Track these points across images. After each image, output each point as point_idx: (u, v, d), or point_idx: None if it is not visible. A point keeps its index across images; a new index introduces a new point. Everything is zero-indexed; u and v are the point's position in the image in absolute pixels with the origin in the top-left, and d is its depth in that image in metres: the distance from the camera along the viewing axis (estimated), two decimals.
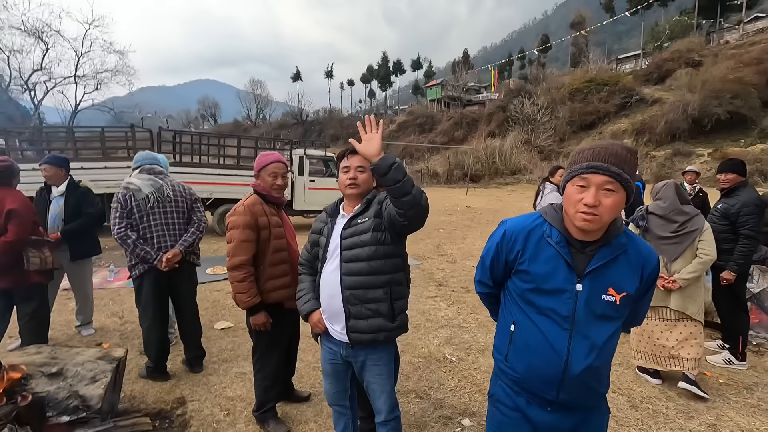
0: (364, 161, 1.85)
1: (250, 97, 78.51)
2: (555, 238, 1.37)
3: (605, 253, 1.32)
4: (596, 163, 1.25)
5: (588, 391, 1.39)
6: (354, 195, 1.90)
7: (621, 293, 1.33)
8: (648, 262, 1.37)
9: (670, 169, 25.82)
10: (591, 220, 1.25)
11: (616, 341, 1.41)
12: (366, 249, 1.82)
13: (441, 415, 2.75)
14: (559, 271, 1.35)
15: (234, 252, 2.39)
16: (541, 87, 40.79)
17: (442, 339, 4.00)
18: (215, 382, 3.15)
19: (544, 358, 1.37)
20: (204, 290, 5.49)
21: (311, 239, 2.06)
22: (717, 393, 3.09)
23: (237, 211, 2.44)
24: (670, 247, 3.08)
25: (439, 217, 12.94)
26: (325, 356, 2.02)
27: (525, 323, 1.42)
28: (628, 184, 1.25)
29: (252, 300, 2.40)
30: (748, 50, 31.43)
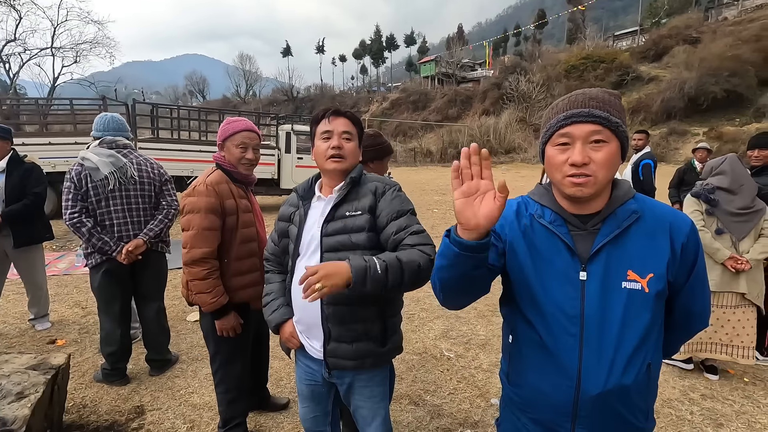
0: (351, 126, 1.47)
1: (239, 73, 76.45)
2: (548, 217, 1.07)
3: (612, 226, 1.01)
4: (576, 110, 0.98)
5: (619, 423, 1.01)
6: (338, 171, 1.44)
7: (647, 275, 0.98)
8: (677, 227, 1.01)
9: (665, 148, 25.62)
10: (584, 182, 0.97)
11: (654, 349, 1.02)
12: (359, 253, 1.37)
13: (439, 427, 2.40)
14: (558, 257, 1.04)
15: (193, 242, 1.91)
16: (536, 64, 40.00)
17: (438, 332, 3.65)
18: (181, 387, 2.77)
19: (549, 378, 1.04)
20: (178, 276, 5.06)
21: (279, 228, 1.60)
22: (744, 394, 2.78)
23: (198, 190, 1.94)
24: (741, 225, 2.80)
25: (433, 197, 12.55)
26: (301, 375, 1.59)
27: (524, 332, 1.10)
28: (619, 130, 0.98)
29: (219, 300, 1.94)
30: (747, 27, 30.84)
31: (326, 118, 1.46)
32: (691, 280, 1.04)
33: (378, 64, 77.11)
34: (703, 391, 2.81)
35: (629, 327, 0.98)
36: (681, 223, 1.02)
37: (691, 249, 1.02)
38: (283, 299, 1.56)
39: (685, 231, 1.01)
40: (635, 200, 1.04)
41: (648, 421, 1.06)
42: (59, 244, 6.69)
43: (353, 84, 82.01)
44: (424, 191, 14.05)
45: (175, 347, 3.24)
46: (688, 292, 1.05)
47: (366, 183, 1.49)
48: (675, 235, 1.01)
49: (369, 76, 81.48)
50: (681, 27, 35.60)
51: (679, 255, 1.00)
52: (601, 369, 0.98)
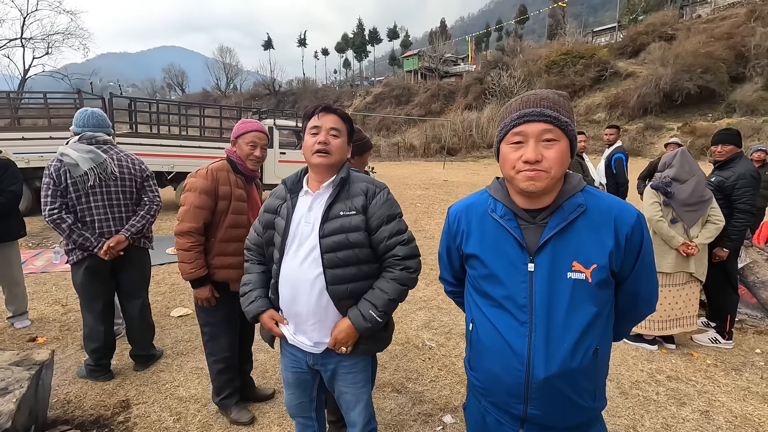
0: (340, 123, 1.52)
1: (219, 66, 74.93)
2: (499, 212, 1.14)
3: (558, 219, 1.07)
4: (528, 109, 1.05)
5: (566, 404, 1.08)
6: (323, 166, 1.48)
7: (590, 266, 1.05)
8: (622, 219, 1.07)
9: (641, 143, 26.33)
10: (536, 176, 1.03)
11: (601, 335, 1.09)
12: (357, 251, 1.47)
13: (420, 412, 2.49)
14: (508, 249, 1.11)
15: (184, 217, 2.15)
16: (518, 59, 40.35)
17: (420, 322, 3.74)
18: (166, 380, 2.79)
19: (503, 362, 1.11)
20: (162, 272, 5.05)
21: (264, 219, 1.61)
22: (706, 375, 2.96)
23: (199, 173, 2.21)
24: (693, 214, 3.09)
25: (416, 191, 12.65)
26: (287, 364, 1.65)
27: (481, 320, 1.18)
28: (568, 129, 1.05)
29: (197, 272, 2.18)
30: (719, 25, 31.80)
31: (316, 114, 1.50)
32: (637, 269, 1.11)
33: (361, 58, 76.66)
34: (668, 372, 2.98)
35: (575, 314, 1.06)
36: (627, 215, 1.08)
37: (636, 239, 1.08)
38: (261, 290, 1.61)
39: (630, 222, 1.07)
40: (583, 193, 1.10)
41: (596, 401, 1.13)
42: (35, 242, 6.54)
43: (336, 78, 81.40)
44: (407, 186, 14.14)
45: (160, 342, 3.25)
46: (635, 279, 1.12)
47: (356, 182, 1.54)
48: (619, 227, 1.07)
49: (352, 70, 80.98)
50: (657, 24, 36.40)
51: (624, 246, 1.07)
52: (548, 354, 1.05)
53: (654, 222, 3.07)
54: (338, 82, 76.95)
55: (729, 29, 29.85)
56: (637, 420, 2.46)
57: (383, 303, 1.46)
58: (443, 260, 1.39)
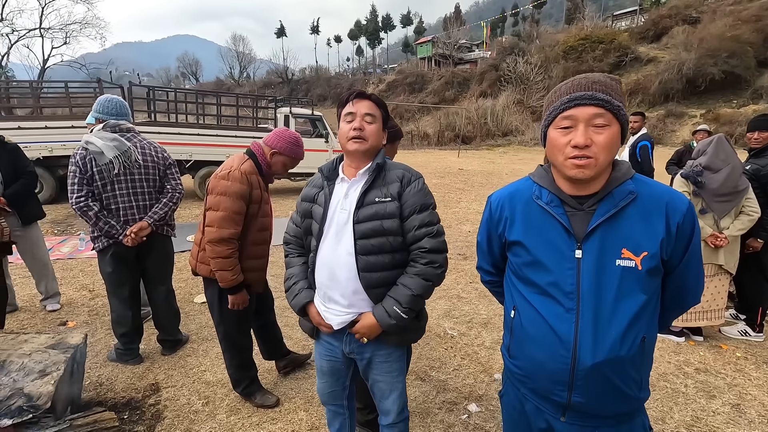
0: (375, 108, 1.49)
1: (232, 54, 75.11)
2: (545, 198, 1.13)
3: (608, 206, 1.05)
4: (579, 93, 1.02)
5: (612, 392, 1.06)
6: (359, 152, 1.45)
7: (641, 254, 1.03)
8: (674, 207, 1.05)
9: (662, 130, 25.61)
10: (585, 164, 1.01)
11: (648, 324, 1.07)
12: (390, 239, 1.45)
13: (445, 400, 2.50)
14: (555, 236, 1.10)
15: (222, 223, 2.08)
16: (534, 45, 39.49)
17: (441, 312, 3.74)
18: (193, 365, 2.85)
19: (548, 349, 1.10)
20: (184, 259, 5.13)
21: (302, 209, 1.59)
22: (736, 368, 2.90)
23: (233, 176, 2.11)
24: (724, 204, 2.99)
25: (432, 180, 12.55)
26: (321, 352, 1.66)
27: (524, 307, 1.17)
28: (620, 113, 1.02)
29: (237, 278, 2.15)
30: (747, 6, 30.52)
31: (350, 101, 1.48)
32: (686, 258, 1.08)
33: (374, 45, 75.91)
34: (696, 365, 2.93)
35: (623, 302, 1.04)
36: (678, 203, 1.06)
37: (687, 228, 1.06)
38: (304, 282, 1.60)
39: (681, 210, 1.05)
40: (633, 181, 1.08)
41: (642, 392, 1.12)
42: (60, 229, 6.70)
43: (349, 66, 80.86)
44: (423, 174, 14.03)
45: (185, 328, 3.31)
46: (684, 269, 1.10)
47: (392, 169, 1.52)
48: (671, 215, 1.04)
49: (365, 58, 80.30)
50: (681, 7, 35.15)
51: (675, 234, 1.05)
52: (596, 341, 1.04)
53: None
54: (351, 69, 76.44)
55: (757, 11, 28.61)
56: (666, 412, 2.43)
57: (407, 299, 1.44)
58: (482, 249, 1.37)
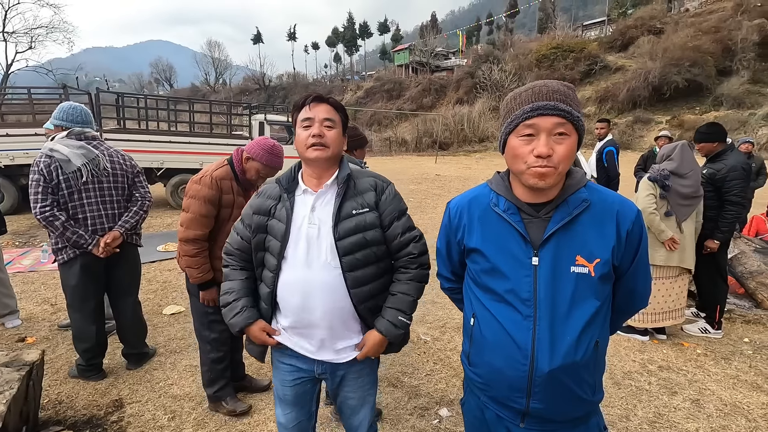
0: (334, 112, 1.40)
1: (207, 60, 74.06)
2: (502, 206, 1.14)
3: (563, 214, 1.07)
4: (541, 102, 1.02)
5: (568, 396, 1.09)
6: (320, 160, 1.35)
7: (594, 260, 1.06)
8: (624, 214, 1.08)
9: (631, 136, 26.56)
10: (546, 173, 1.02)
11: (601, 328, 1.10)
12: (375, 249, 1.40)
13: (416, 406, 2.50)
14: (512, 243, 1.11)
15: (189, 224, 2.17)
16: (509, 53, 40.41)
17: (415, 318, 3.72)
18: (160, 379, 2.77)
19: (506, 356, 1.11)
20: (154, 270, 4.99)
21: (254, 222, 1.44)
22: (696, 364, 3.01)
23: (203, 181, 2.18)
24: (687, 208, 3.12)
25: (409, 186, 12.64)
26: (285, 378, 1.51)
27: (483, 314, 1.17)
28: (579, 123, 1.04)
29: (204, 276, 2.22)
30: (707, 18, 32.11)
31: (307, 105, 1.38)
32: (635, 264, 1.12)
33: (351, 52, 76.16)
34: (660, 363, 3.03)
35: (578, 308, 1.06)
36: (628, 210, 1.09)
37: (635, 235, 1.10)
38: (247, 299, 1.47)
39: (631, 218, 1.09)
40: (586, 189, 1.11)
41: (596, 394, 1.14)
42: (22, 240, 6.42)
43: (327, 72, 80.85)
44: (399, 180, 14.13)
45: (152, 340, 3.22)
46: (633, 274, 1.14)
47: (361, 177, 1.45)
48: (621, 222, 1.08)
49: (343, 65, 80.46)
50: (646, 18, 36.64)
51: (625, 241, 1.08)
52: (552, 347, 1.05)
53: (647, 214, 3.09)
54: (329, 76, 76.42)
55: (716, 23, 30.15)
56: (630, 410, 2.50)
57: (409, 306, 1.45)
58: (442, 255, 1.37)
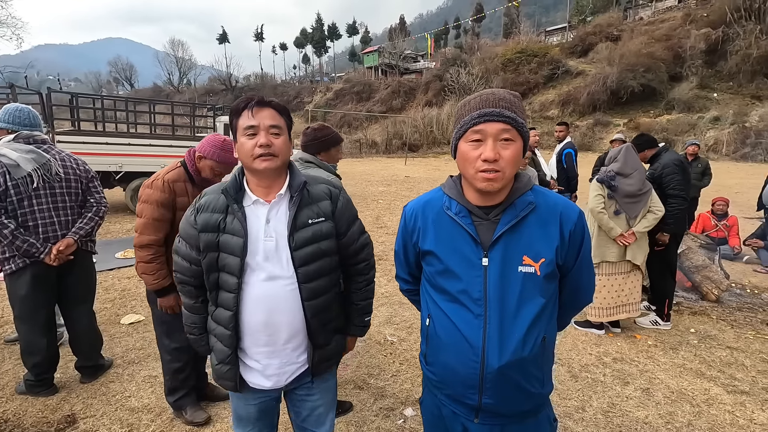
0: (279, 118, 1.31)
1: (170, 60, 71.78)
2: (454, 209, 1.18)
3: (510, 216, 1.13)
4: (488, 109, 1.08)
5: (518, 392, 1.14)
6: (269, 170, 1.28)
7: (539, 260, 1.12)
8: (567, 216, 1.15)
9: (591, 138, 27.72)
10: (494, 178, 1.07)
11: (547, 324, 1.16)
12: (328, 260, 1.38)
13: (381, 407, 2.52)
14: (464, 245, 1.15)
15: (143, 230, 2.11)
16: (476, 57, 41.33)
17: (382, 318, 3.77)
18: (117, 391, 2.66)
19: (459, 354, 1.15)
20: (112, 277, 4.79)
21: (204, 241, 1.30)
22: (647, 355, 3.18)
23: (155, 185, 2.13)
24: (635, 206, 3.29)
25: (378, 188, 12.69)
26: (248, 397, 1.45)
27: (437, 314, 1.21)
28: (524, 129, 1.10)
29: (160, 282, 2.15)
30: (659, 27, 34.00)
31: (248, 110, 1.27)
32: (578, 262, 1.19)
33: (320, 54, 75.70)
34: (614, 355, 3.18)
35: (525, 306, 1.11)
36: (570, 212, 1.16)
37: (578, 235, 1.16)
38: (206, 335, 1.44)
39: (573, 219, 1.15)
40: (533, 192, 1.17)
41: (544, 387, 1.19)
42: None
43: (295, 73, 80.00)
44: (369, 182, 14.16)
45: (109, 351, 3.09)
46: (577, 272, 1.20)
47: (314, 183, 1.41)
48: (564, 223, 1.14)
49: (312, 66, 79.82)
50: (604, 25, 38.41)
51: (568, 241, 1.14)
52: (501, 344, 1.10)
53: (596, 213, 3.25)
54: (298, 77, 75.66)
55: (667, 31, 31.98)
56: (586, 401, 2.61)
57: (370, 306, 1.58)
58: (399, 258, 1.40)
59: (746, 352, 3.24)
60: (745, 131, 22.26)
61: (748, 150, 21.70)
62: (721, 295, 4.24)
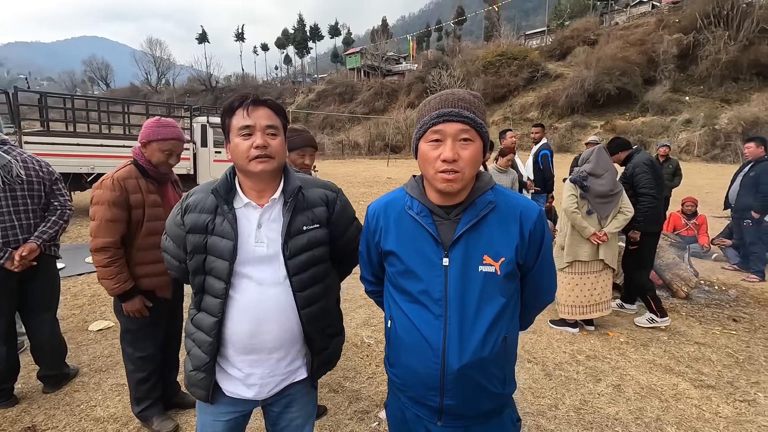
0: (275, 117, 1.26)
1: (148, 59, 70.28)
2: (416, 209, 1.17)
3: (470, 216, 1.12)
4: (447, 109, 1.08)
5: (479, 392, 1.12)
6: (266, 173, 1.22)
7: (499, 259, 1.11)
8: (527, 215, 1.14)
9: (570, 139, 28.31)
10: (453, 179, 1.07)
11: (509, 323, 1.16)
12: (322, 267, 1.34)
13: (356, 410, 2.50)
14: (425, 245, 1.14)
15: (97, 232, 2.03)
16: (457, 59, 41.73)
17: (360, 320, 3.75)
18: (81, 401, 2.56)
19: (420, 356, 1.13)
20: (81, 283, 4.64)
21: (191, 243, 1.26)
22: (619, 352, 3.24)
23: (104, 184, 2.05)
24: (607, 205, 3.35)
25: (360, 189, 12.67)
26: (219, 411, 1.36)
27: (399, 316, 1.19)
28: (483, 130, 1.10)
29: (121, 286, 2.05)
30: (633, 32, 34.95)
31: (244, 108, 1.21)
32: (539, 261, 1.18)
33: (302, 55, 75.26)
34: (587, 352, 3.23)
35: (485, 306, 1.10)
36: (530, 211, 1.15)
37: (538, 234, 1.15)
38: None
39: (533, 218, 1.14)
40: (493, 191, 1.16)
41: (506, 387, 1.18)
42: None
43: (277, 74, 79.34)
44: (351, 184, 14.13)
45: (75, 360, 2.98)
46: (538, 271, 1.20)
47: (309, 188, 1.35)
48: (524, 223, 1.13)
49: (294, 67, 79.28)
50: (581, 29, 39.29)
51: (528, 240, 1.14)
52: (461, 345, 1.09)
53: (569, 213, 3.31)
54: (280, 78, 75.04)
55: (641, 36, 32.92)
56: (559, 399, 2.64)
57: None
58: (363, 259, 1.38)
59: (713, 347, 3.34)
60: (715, 133, 23.06)
61: (718, 151, 22.47)
62: (691, 292, 4.36)
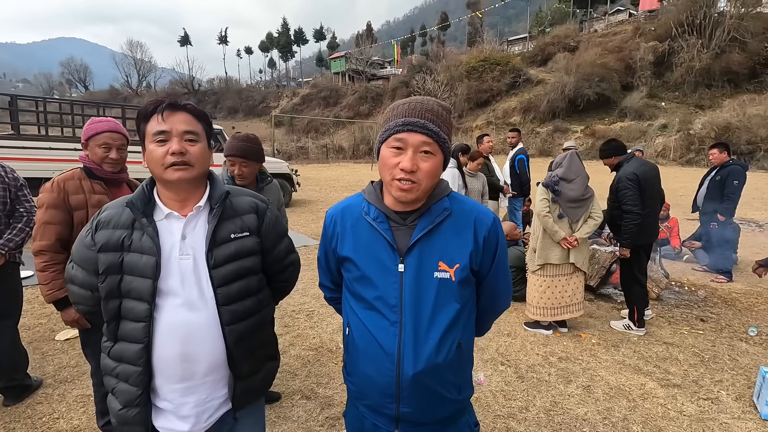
0: (195, 123, 1.17)
1: (129, 61, 69.03)
2: (372, 215, 1.16)
3: (426, 222, 1.12)
4: (412, 119, 1.06)
5: (435, 399, 1.12)
6: (183, 181, 1.14)
7: (454, 265, 1.11)
8: (481, 222, 1.15)
9: (551, 144, 28.77)
10: (409, 189, 1.06)
11: (463, 329, 1.15)
12: (254, 279, 1.26)
13: (327, 417, 2.48)
14: (381, 251, 1.13)
15: (35, 235, 2.00)
16: (441, 64, 42.12)
17: (336, 326, 3.73)
18: (44, 413, 2.49)
19: (376, 363, 1.13)
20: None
21: (104, 263, 1.13)
22: (590, 353, 3.30)
23: (45, 187, 2.04)
24: (578, 210, 3.41)
25: (342, 194, 12.64)
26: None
27: (355, 323, 1.19)
28: (445, 145, 1.09)
29: (55, 293, 1.96)
30: (612, 39, 35.82)
31: (159, 113, 1.12)
32: (494, 267, 1.18)
33: (287, 58, 74.93)
34: (560, 354, 3.28)
35: (440, 312, 1.10)
36: (484, 218, 1.16)
37: (492, 241, 1.16)
38: None
39: (487, 225, 1.15)
40: (449, 198, 1.17)
41: (462, 393, 1.18)
42: None
43: (261, 78, 78.83)
44: (333, 188, 14.09)
45: (40, 370, 2.89)
46: (493, 277, 1.21)
47: (239, 195, 1.29)
48: (478, 229, 1.14)
49: (278, 70, 78.91)
50: (561, 36, 40.07)
51: (482, 246, 1.14)
52: (416, 351, 1.09)
53: (541, 217, 3.36)
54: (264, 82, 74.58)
55: (619, 43, 33.75)
56: (530, 401, 2.67)
57: None
58: (321, 265, 1.36)
59: (680, 346, 3.43)
60: (689, 138, 23.69)
61: (693, 156, 23.10)
62: (661, 293, 4.48)
